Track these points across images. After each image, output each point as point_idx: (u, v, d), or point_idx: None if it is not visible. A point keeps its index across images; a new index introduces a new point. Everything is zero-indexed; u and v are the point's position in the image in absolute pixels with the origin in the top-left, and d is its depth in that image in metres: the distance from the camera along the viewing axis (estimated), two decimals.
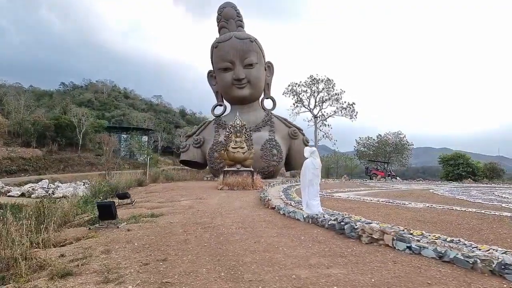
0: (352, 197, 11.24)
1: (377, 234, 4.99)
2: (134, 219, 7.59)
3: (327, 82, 37.75)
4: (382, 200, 10.26)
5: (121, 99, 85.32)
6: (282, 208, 7.92)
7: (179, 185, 15.84)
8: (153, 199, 11.08)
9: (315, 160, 7.61)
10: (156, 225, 6.80)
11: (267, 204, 8.88)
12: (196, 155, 21.34)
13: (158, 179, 19.12)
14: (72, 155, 44.48)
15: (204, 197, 11.23)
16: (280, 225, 6.58)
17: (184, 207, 9.26)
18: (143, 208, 9.34)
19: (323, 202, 9.89)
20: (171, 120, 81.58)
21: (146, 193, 13.29)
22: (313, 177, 7.49)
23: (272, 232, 5.98)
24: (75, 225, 7.45)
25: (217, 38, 22.15)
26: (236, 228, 6.35)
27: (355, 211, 8.18)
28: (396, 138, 41.78)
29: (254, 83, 21.40)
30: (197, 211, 8.45)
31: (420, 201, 10.19)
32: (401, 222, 6.61)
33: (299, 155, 21.68)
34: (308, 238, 5.46)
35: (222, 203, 9.79)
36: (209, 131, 22.00)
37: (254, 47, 21.35)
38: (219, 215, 7.87)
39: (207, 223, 6.83)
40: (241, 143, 14.69)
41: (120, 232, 6.19)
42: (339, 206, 9.04)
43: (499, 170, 34.68)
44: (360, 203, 9.83)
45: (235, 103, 22.46)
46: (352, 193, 12.94)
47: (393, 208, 8.72)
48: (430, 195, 12.84)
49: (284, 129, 21.99)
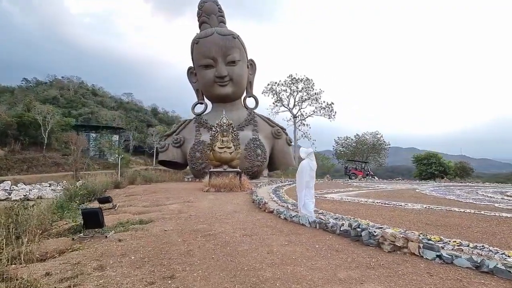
0: (346, 199, 10.99)
1: (401, 242, 4.64)
2: (122, 226, 6.89)
3: (307, 81, 37.80)
4: (377, 202, 10.06)
5: (89, 96, 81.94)
6: (283, 212, 7.48)
7: (160, 187, 15.01)
8: (136, 203, 10.30)
9: (311, 162, 7.38)
10: (149, 233, 6.15)
11: (264, 208, 8.41)
12: (176, 155, 20.45)
13: (135, 181, 18.13)
14: (37, 155, 41.99)
15: (192, 200, 10.59)
16: (286, 231, 6.13)
17: (173, 211, 8.61)
18: (128, 213, 8.59)
19: (318, 204, 9.58)
20: (142, 119, 79.38)
21: (126, 196, 12.41)
22: (309, 179, 7.23)
23: (281, 239, 5.52)
24: (54, 234, 6.64)
25: (198, 33, 21.37)
26: (240, 235, 5.83)
27: (356, 213, 7.89)
28: (374, 138, 42.57)
29: (237, 81, 20.80)
30: (189, 216, 7.84)
31: (415, 202, 10.09)
32: (411, 226, 6.36)
33: (282, 155, 21.40)
34: (323, 247, 5.04)
35: (213, 207, 9.22)
36: (190, 130, 21.17)
37: (236, 43, 20.76)
38: (215, 220, 7.32)
39: (206, 231, 6.27)
40: (228, 142, 14.10)
41: (110, 243, 5.50)
42: (337, 208, 8.73)
43: (469, 169, 36.05)
44: (357, 205, 9.58)
45: (217, 101, 21.76)
46: (343, 194, 12.72)
47: (393, 210, 8.51)
48: (420, 195, 12.85)
49: (268, 128, 21.55)
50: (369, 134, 42.98)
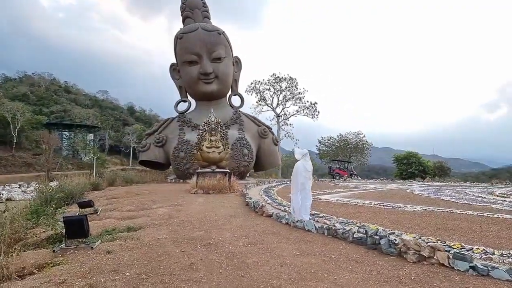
0: (342, 200, 10.64)
1: (427, 251, 4.25)
2: (108, 234, 6.21)
3: (290, 81, 37.53)
4: (374, 203, 9.76)
5: (62, 93, 78.62)
6: (284, 217, 6.99)
7: (143, 189, 14.21)
8: (119, 207, 9.54)
9: (306, 163, 7.12)
10: (141, 243, 5.52)
11: (261, 212, 7.90)
12: (159, 155, 19.56)
13: (115, 182, 17.18)
14: (6, 154, 39.75)
15: (180, 203, 9.94)
16: (292, 238, 5.65)
17: (163, 216, 7.96)
18: (112, 218, 7.87)
19: (316, 207, 9.17)
20: (118, 117, 77.27)
21: (107, 199, 11.59)
22: (305, 181, 6.98)
23: (290, 249, 5.03)
24: (30, 244, 5.86)
25: (182, 28, 20.57)
26: (244, 244, 5.30)
27: (359, 217, 7.52)
28: (357, 137, 42.87)
29: (222, 78, 20.14)
30: (182, 222, 7.22)
31: (412, 203, 9.87)
32: (421, 230, 6.04)
33: (269, 155, 20.94)
34: (340, 257, 4.59)
35: (205, 211, 8.62)
36: (172, 129, 20.32)
37: (222, 40, 20.10)
38: (211, 226, 6.74)
39: (204, 239, 5.70)
40: (216, 142, 13.47)
41: (98, 256, 4.84)
42: (337, 211, 8.34)
43: (446, 169, 36.89)
44: (356, 207, 9.23)
45: (201, 99, 21.01)
46: (336, 195, 12.40)
47: (395, 212, 8.21)
48: (412, 195, 12.72)
49: (254, 127, 21.01)
50: (352, 134, 43.35)
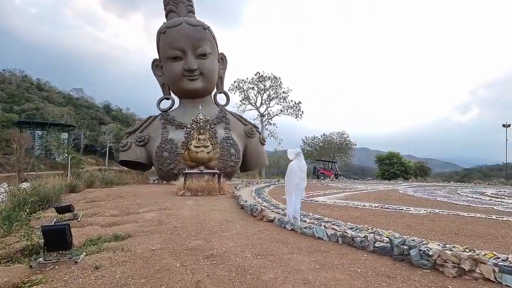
0: (340, 203, 10.18)
1: (467, 264, 3.77)
2: (93, 245, 5.45)
3: (274, 80, 37.06)
4: (375, 206, 9.37)
5: (34, 91, 75.60)
6: (288, 222, 6.41)
7: (125, 191, 13.28)
8: (102, 211, 8.69)
9: (300, 162, 6.83)
10: (133, 255, 4.79)
11: (261, 216, 7.29)
12: (140, 155, 18.56)
13: (94, 183, 16.11)
14: None
15: (169, 206, 9.18)
16: (304, 248, 5.08)
17: (152, 222, 7.21)
18: (96, 225, 7.06)
19: (315, 210, 8.66)
20: (94, 116, 75.02)
21: (87, 202, 10.66)
22: (299, 181, 6.71)
23: (307, 261, 4.45)
24: (2, 257, 5.02)
25: (165, 22, 19.64)
26: (253, 256, 4.68)
27: (366, 221, 7.06)
28: (341, 138, 42.94)
29: (207, 75, 19.35)
30: (174, 229, 6.51)
31: (413, 206, 9.54)
32: (440, 237, 5.62)
33: (256, 155, 20.35)
34: (367, 271, 4.04)
35: (198, 215, 7.93)
36: (155, 128, 19.36)
37: (207, 35, 19.33)
38: (209, 233, 6.08)
39: (205, 249, 5.04)
40: (205, 141, 12.72)
41: (84, 272, 4.10)
42: (341, 215, 7.85)
43: (427, 169, 37.48)
44: (357, 210, 8.78)
45: (185, 97, 20.14)
46: (331, 197, 11.97)
47: (401, 216, 7.79)
48: (408, 197, 12.48)
49: (240, 126, 20.34)
50: (335, 134, 43.42)
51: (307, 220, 6.87)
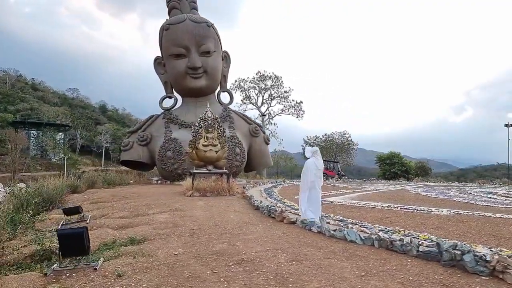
0: (357, 203, 9.85)
1: None
2: (108, 249, 5.06)
3: (275, 79, 36.72)
4: (394, 206, 9.02)
5: (28, 91, 74.57)
6: (314, 224, 6.04)
7: (129, 191, 12.85)
8: (110, 213, 8.28)
9: (317, 161, 6.85)
10: (155, 260, 4.40)
11: (281, 218, 6.91)
12: (142, 155, 18.10)
13: (95, 184, 15.62)
14: None
15: (179, 207, 8.78)
16: (339, 252, 4.71)
17: (166, 224, 6.81)
18: (106, 227, 6.65)
19: (334, 210, 8.34)
20: (90, 116, 74.34)
21: (91, 203, 10.23)
22: (315, 179, 6.74)
23: (348, 267, 4.08)
24: (11, 264, 4.61)
25: (168, 19, 19.21)
26: (287, 262, 4.30)
27: (393, 222, 6.74)
28: (342, 137, 42.66)
29: (211, 73, 18.94)
30: (192, 231, 6.12)
31: (433, 206, 9.21)
32: (480, 239, 5.30)
33: (260, 155, 19.98)
34: (421, 279, 3.68)
35: (213, 216, 7.54)
36: (158, 127, 18.91)
37: (211, 32, 18.94)
38: (231, 236, 5.70)
39: (232, 254, 4.66)
40: (214, 140, 12.32)
41: (106, 281, 3.70)
42: (363, 216, 7.52)
43: (428, 169, 37.32)
44: (378, 210, 8.45)
45: (189, 95, 19.70)
46: (344, 197, 11.65)
47: (427, 217, 7.47)
48: (424, 197, 12.26)
49: (245, 125, 19.93)
50: (337, 134, 43.10)
51: (330, 221, 6.52)
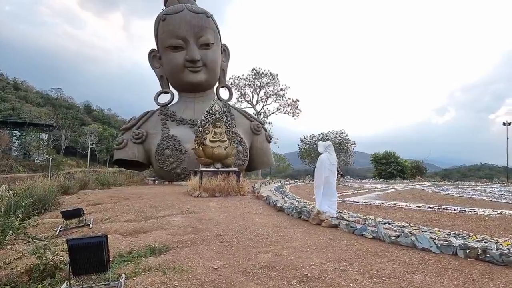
0: (385, 203, 9.04)
1: None
2: (125, 261, 4.06)
3: (271, 76, 35.82)
4: (429, 206, 8.27)
5: (10, 90, 72.21)
6: (366, 229, 5.18)
7: (128, 192, 11.72)
8: (113, 216, 7.20)
9: (331, 156, 6.70)
10: (193, 277, 3.45)
11: (317, 221, 6.00)
12: (138, 153, 16.88)
13: (88, 184, 14.40)
14: None
15: (191, 209, 7.77)
16: (418, 264, 3.88)
17: (185, 228, 5.82)
18: (113, 232, 5.63)
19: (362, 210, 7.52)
20: (74, 117, 72.32)
21: (89, 205, 9.08)
22: (329, 174, 6.61)
23: (448, 285, 3.20)
24: (3, 283, 3.57)
25: (165, 9, 18.07)
26: (365, 278, 3.43)
27: (440, 224, 6.01)
28: (340, 136, 41.96)
29: (210, 66, 17.85)
30: (220, 237, 5.16)
31: (467, 206, 8.49)
32: None
33: (262, 153, 19.05)
34: None
35: (235, 220, 6.57)
36: (154, 124, 17.71)
37: (211, 24, 17.86)
38: (271, 243, 4.79)
39: (286, 267, 3.75)
40: (222, 135, 11.31)
41: None
42: (399, 217, 6.76)
43: (423, 169, 37.08)
44: (415, 211, 7.68)
45: (186, 90, 18.54)
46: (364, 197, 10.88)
47: (476, 218, 6.76)
48: (448, 196, 11.66)
49: (246, 122, 18.92)
50: (334, 133, 42.35)
51: (371, 223, 5.69)
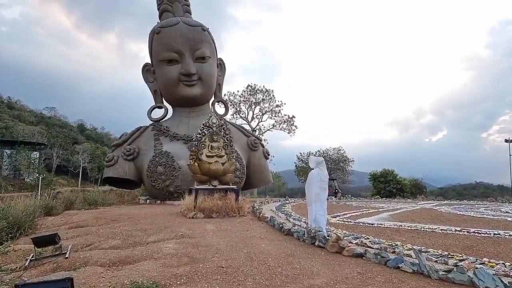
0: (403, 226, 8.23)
1: None
2: None
3: (266, 92, 35.35)
4: (456, 229, 7.45)
5: (4, 109, 71.69)
6: (402, 261, 4.32)
7: (117, 213, 10.71)
8: (96, 241, 6.24)
9: (322, 172, 6.40)
10: None
11: (336, 249, 5.13)
12: (128, 171, 15.91)
13: (74, 204, 13.37)
14: None
15: (186, 233, 6.83)
16: None
17: (179, 258, 4.90)
18: (93, 264, 4.69)
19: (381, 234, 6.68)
20: (67, 135, 71.37)
21: (71, 228, 8.09)
22: (320, 191, 6.30)
23: None
24: None
25: (160, 22, 17.52)
26: None
27: (482, 251, 5.12)
28: (338, 154, 41.21)
29: (206, 80, 17.18)
30: (222, 271, 4.25)
31: (495, 228, 7.72)
32: None
33: (260, 170, 18.18)
34: None
35: (237, 246, 5.65)
36: (146, 139, 16.81)
37: (206, 37, 17.30)
38: (288, 281, 3.90)
39: None
40: (219, 150, 10.47)
41: None
42: (426, 242, 5.89)
43: (422, 187, 36.39)
44: (441, 235, 6.84)
45: (181, 105, 17.76)
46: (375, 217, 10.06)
47: None
48: (467, 217, 10.93)
49: (243, 138, 18.11)
50: (332, 150, 41.63)
51: (401, 251, 4.84)
